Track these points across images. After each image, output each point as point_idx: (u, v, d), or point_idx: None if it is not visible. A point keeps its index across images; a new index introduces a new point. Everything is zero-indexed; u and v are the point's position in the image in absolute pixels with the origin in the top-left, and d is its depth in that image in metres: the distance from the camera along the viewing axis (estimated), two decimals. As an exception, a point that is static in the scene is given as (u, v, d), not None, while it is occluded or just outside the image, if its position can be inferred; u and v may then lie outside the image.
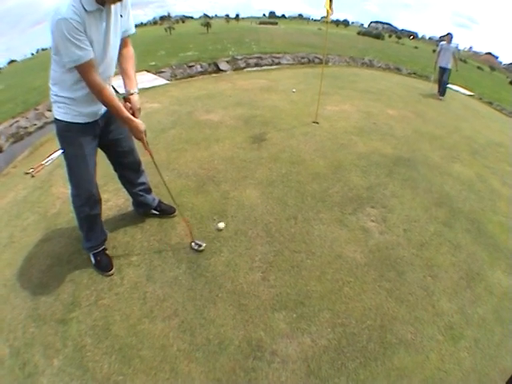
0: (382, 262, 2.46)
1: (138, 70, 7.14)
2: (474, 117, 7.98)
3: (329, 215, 2.87)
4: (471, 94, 12.26)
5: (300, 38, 20.13)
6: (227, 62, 10.27)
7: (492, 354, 1.97)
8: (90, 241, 2.30)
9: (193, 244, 2.47)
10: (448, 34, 8.71)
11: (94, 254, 2.32)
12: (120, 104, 1.99)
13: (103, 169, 2.20)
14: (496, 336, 2.09)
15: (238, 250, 2.44)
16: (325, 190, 3.24)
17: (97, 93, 1.87)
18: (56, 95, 1.97)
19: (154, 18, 77.07)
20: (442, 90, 8.76)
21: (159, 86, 6.97)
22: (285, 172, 3.43)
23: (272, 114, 5.05)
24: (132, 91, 2.14)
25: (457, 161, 4.46)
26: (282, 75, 8.48)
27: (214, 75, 8.75)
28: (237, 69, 10.03)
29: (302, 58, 12.48)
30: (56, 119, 2.03)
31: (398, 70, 12.40)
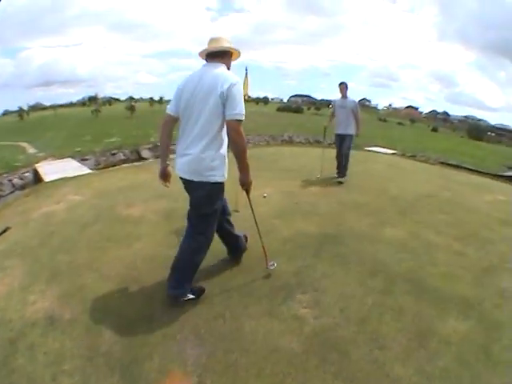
0: (322, 346, 2.64)
1: (63, 157, 9.14)
2: (399, 174, 8.95)
3: (258, 309, 3.07)
4: (394, 151, 13.59)
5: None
6: (149, 149, 11.14)
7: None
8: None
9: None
10: (341, 83, 7.24)
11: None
12: None
13: (25, 267, 2.30)
14: (465, 379, 2.32)
15: (168, 355, 2.54)
16: (250, 282, 3.47)
17: (243, 143, 2.68)
18: (224, 157, 2.84)
19: (84, 98, 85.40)
20: (343, 169, 7.40)
21: (82, 176, 7.55)
22: (208, 269, 3.61)
23: (192, 206, 5.37)
24: None
25: (386, 224, 4.99)
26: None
27: (136, 164, 9.61)
28: (158, 156, 10.47)
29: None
30: (217, 183, 2.83)
31: (318, 143, 13.51)
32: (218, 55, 2.83)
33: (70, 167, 8.55)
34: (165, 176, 3.17)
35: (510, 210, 6.50)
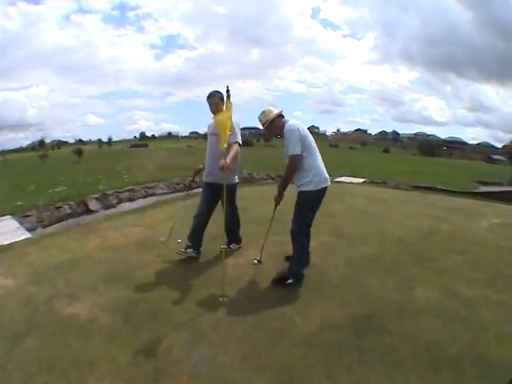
0: None
1: (3, 213, 8.21)
2: (386, 208, 8.61)
3: None
4: (363, 179, 13.22)
5: (172, 160, 24.13)
6: (97, 199, 10.43)
7: None
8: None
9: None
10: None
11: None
12: None
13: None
14: None
15: None
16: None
17: None
18: None
19: (33, 143, 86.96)
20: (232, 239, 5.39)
21: (18, 244, 6.01)
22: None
23: (159, 296, 3.87)
24: None
25: (413, 283, 4.20)
26: (159, 215, 7.66)
27: (81, 221, 8.23)
28: (108, 206, 10.21)
29: (177, 184, 13.11)
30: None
31: (280, 177, 12.95)
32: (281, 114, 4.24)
33: (8, 230, 7.47)
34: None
35: (509, 234, 6.52)
